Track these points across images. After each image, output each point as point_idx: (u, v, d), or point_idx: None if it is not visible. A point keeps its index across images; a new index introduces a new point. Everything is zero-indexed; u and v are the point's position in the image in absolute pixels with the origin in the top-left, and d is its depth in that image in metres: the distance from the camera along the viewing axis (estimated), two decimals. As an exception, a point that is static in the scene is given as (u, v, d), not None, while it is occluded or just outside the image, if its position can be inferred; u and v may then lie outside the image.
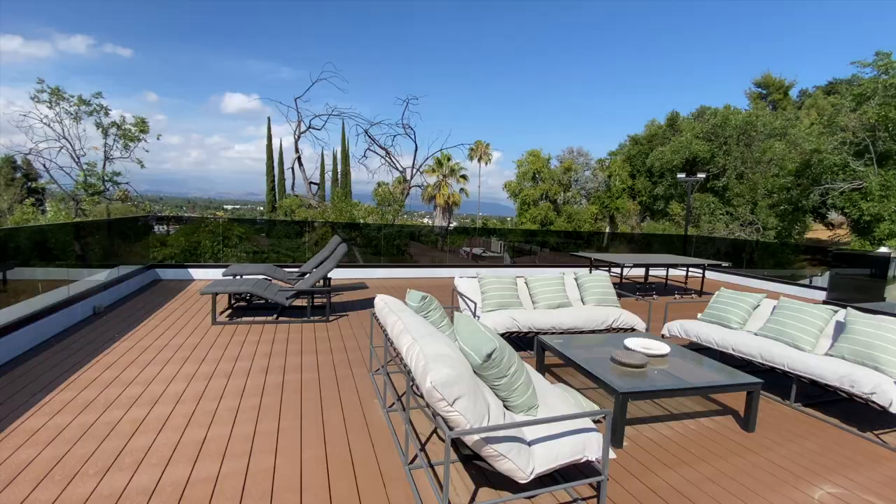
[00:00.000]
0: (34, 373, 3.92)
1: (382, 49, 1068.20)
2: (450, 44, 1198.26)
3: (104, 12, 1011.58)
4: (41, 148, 13.17)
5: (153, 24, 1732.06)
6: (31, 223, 18.74)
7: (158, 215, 23.26)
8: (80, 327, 5.27)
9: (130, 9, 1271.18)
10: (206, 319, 5.90)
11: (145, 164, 14.84)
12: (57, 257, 6.65)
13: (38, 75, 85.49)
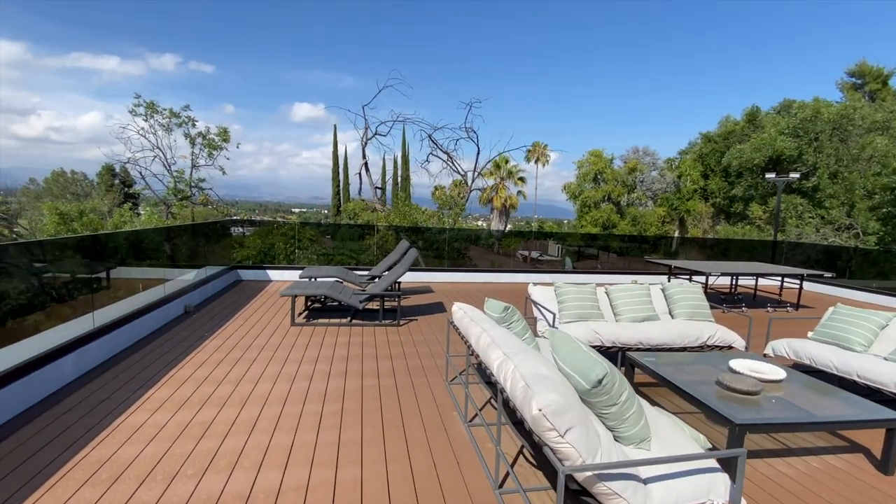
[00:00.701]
0: (135, 369, 4.17)
1: (446, 51, 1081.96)
2: (511, 42, 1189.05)
3: (190, 32, 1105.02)
4: (138, 157, 14.54)
5: (232, 42, 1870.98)
6: (127, 225, 20.63)
7: (235, 218, 24.78)
8: (173, 325, 5.60)
9: (212, 28, 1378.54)
10: (285, 320, 6.09)
11: (225, 170, 15.94)
12: (151, 258, 7.17)
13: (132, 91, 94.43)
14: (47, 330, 4.06)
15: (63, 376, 3.69)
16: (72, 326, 4.16)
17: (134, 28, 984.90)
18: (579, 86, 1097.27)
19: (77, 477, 2.52)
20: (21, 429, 3.00)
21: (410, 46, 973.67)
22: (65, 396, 3.50)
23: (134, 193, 37.48)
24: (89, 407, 3.36)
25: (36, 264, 4.87)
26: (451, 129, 16.99)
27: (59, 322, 4.32)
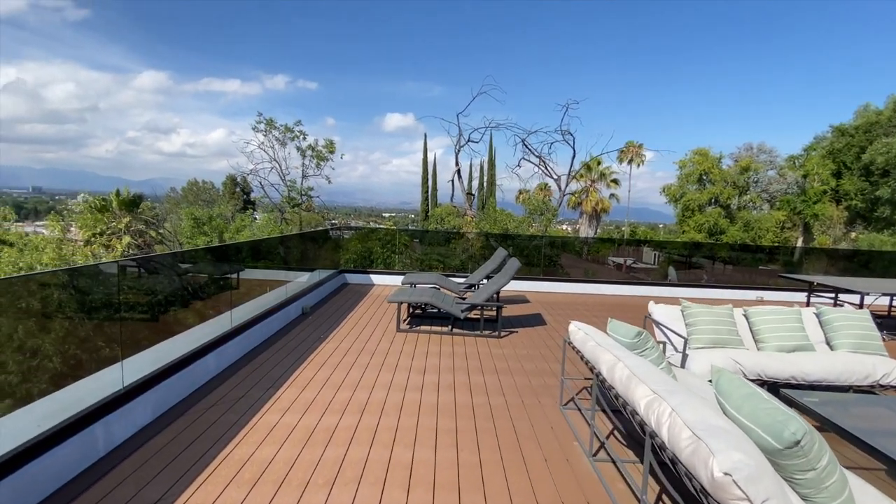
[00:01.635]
0: (264, 368, 4.45)
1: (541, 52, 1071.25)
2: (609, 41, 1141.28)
3: (298, 54, 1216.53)
4: (258, 168, 16.14)
5: (333, 60, 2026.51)
6: (246, 230, 22.91)
7: (342, 224, 26.37)
8: (292, 326, 5.97)
9: (316, 49, 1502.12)
10: (390, 325, 6.21)
11: (330, 179, 17.09)
12: (273, 261, 7.77)
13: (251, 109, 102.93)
14: (197, 326, 4.50)
15: (207, 371, 4.04)
16: (214, 324, 4.56)
17: (253, 54, 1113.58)
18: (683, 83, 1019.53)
19: (223, 475, 2.68)
20: (175, 421, 3.30)
21: (506, 51, 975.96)
22: (208, 391, 3.82)
23: (252, 200, 41.70)
24: (229, 403, 3.62)
25: (199, 267, 5.46)
26: (545, 132, 16.44)
27: (208, 318, 4.77)
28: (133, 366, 3.23)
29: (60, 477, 2.48)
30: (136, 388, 3.12)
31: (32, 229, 29.29)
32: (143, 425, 3.16)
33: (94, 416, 2.73)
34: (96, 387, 3.04)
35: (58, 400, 2.96)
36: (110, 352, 3.51)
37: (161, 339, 4.03)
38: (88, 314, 3.72)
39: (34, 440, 2.36)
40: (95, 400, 2.86)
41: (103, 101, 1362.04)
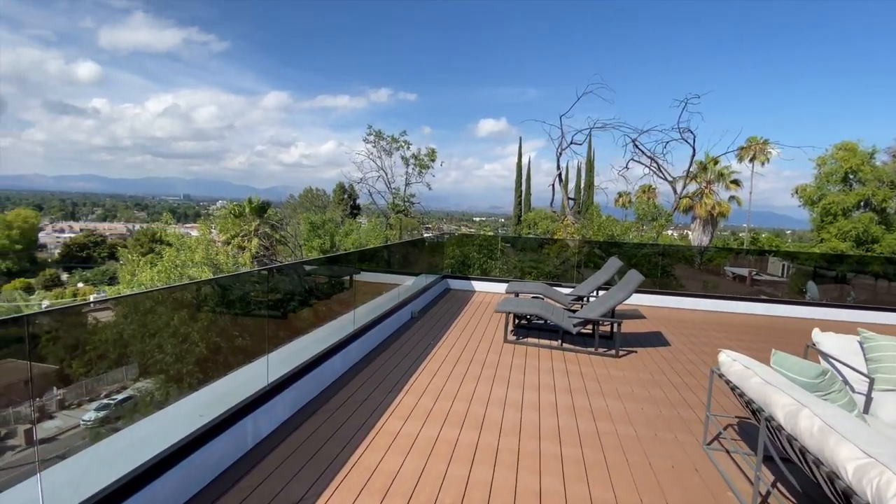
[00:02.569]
0: (382, 371, 4.55)
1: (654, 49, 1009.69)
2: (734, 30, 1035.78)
3: (400, 68, 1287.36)
4: (367, 177, 17.20)
5: (430, 71, 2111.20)
6: (353, 233, 24.43)
7: (427, 226, 26.84)
8: (404, 330, 6.09)
9: (416, 62, 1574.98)
10: (497, 335, 6.05)
11: (431, 186, 17.59)
12: (379, 265, 8.07)
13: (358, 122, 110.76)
14: (323, 325, 4.77)
15: (334, 371, 4.23)
16: (337, 325, 4.79)
17: (360, 70, 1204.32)
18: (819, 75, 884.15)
19: (356, 481, 2.72)
20: (309, 419, 3.46)
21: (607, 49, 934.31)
22: (335, 391, 3.99)
23: (357, 205, 44.61)
24: (354, 405, 3.73)
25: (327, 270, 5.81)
26: (662, 130, 15.07)
27: (331, 319, 5.03)
28: (267, 363, 3.45)
29: (218, 466, 2.70)
30: (278, 386, 3.33)
31: (185, 231, 34.61)
32: (282, 420, 3.36)
33: (245, 411, 2.95)
34: (246, 378, 3.31)
35: (213, 390, 3.26)
36: (257, 348, 3.82)
37: (292, 337, 4.31)
38: (237, 313, 4.10)
39: (199, 431, 2.59)
40: (244, 394, 3.09)
41: (238, 119, 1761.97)
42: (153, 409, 3.52)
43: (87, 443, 2.89)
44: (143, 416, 3.18)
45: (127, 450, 2.53)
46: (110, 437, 2.65)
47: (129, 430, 2.74)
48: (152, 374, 4.02)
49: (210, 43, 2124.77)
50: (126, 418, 3.53)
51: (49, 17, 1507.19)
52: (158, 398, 4.27)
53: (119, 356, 8.41)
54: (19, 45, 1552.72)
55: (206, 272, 12.86)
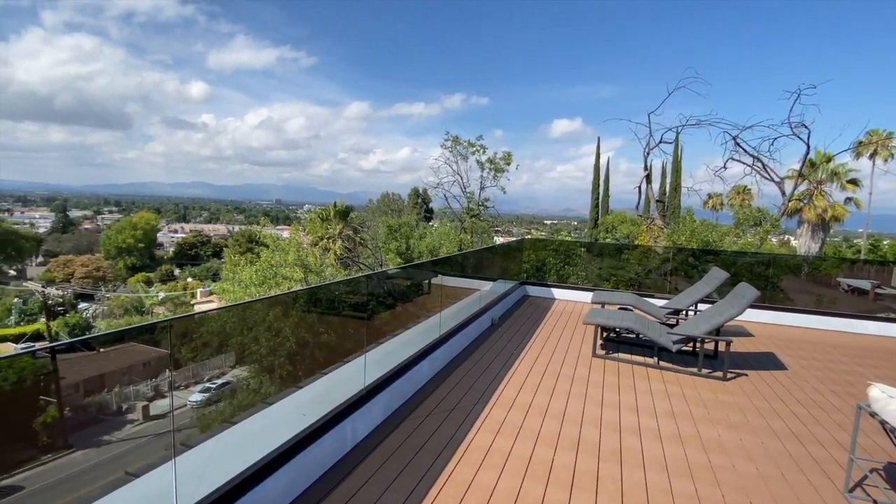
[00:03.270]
0: (467, 380, 4.48)
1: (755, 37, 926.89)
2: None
3: (472, 74, 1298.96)
4: (443, 182, 17.42)
5: (502, 73, 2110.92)
6: (428, 237, 24.81)
7: (496, 230, 26.39)
8: (485, 337, 5.99)
9: (488, 66, 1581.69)
10: (584, 348, 5.73)
11: (505, 189, 17.39)
12: (453, 268, 8.03)
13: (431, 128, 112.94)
14: (407, 330, 4.81)
15: (422, 377, 4.23)
16: (424, 329, 4.80)
17: (435, 78, 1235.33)
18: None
19: (452, 495, 2.65)
20: (401, 424, 3.48)
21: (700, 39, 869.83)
22: (424, 397, 3.98)
23: (430, 209, 45.51)
24: (443, 414, 3.69)
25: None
26: (769, 125, 13.40)
27: (416, 323, 5.07)
28: (364, 366, 3.51)
29: (321, 467, 2.78)
30: (373, 389, 3.39)
31: (276, 232, 37.58)
32: (376, 424, 3.41)
33: (345, 413, 3.02)
34: (340, 380, 3.40)
35: (310, 390, 3.38)
36: (349, 348, 3.93)
37: (380, 340, 4.38)
38: (326, 312, 4.24)
39: (306, 431, 2.68)
40: (340, 395, 3.17)
41: (323, 129, 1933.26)
42: (255, 400, 3.75)
43: (195, 427, 3.13)
44: (247, 405, 3.39)
45: (241, 443, 2.68)
46: (226, 430, 2.83)
47: (242, 425, 2.92)
48: (247, 363, 4.28)
49: (300, 59, 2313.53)
50: (225, 401, 3.78)
51: (167, 43, 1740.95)
52: (253, 386, 4.56)
53: (219, 345, 9.07)
54: (143, 70, 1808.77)
55: (298, 272, 13.80)
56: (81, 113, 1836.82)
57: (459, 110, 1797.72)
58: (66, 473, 2.38)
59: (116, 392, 7.78)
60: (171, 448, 2.10)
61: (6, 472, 2.18)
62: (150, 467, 2.32)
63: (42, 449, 2.70)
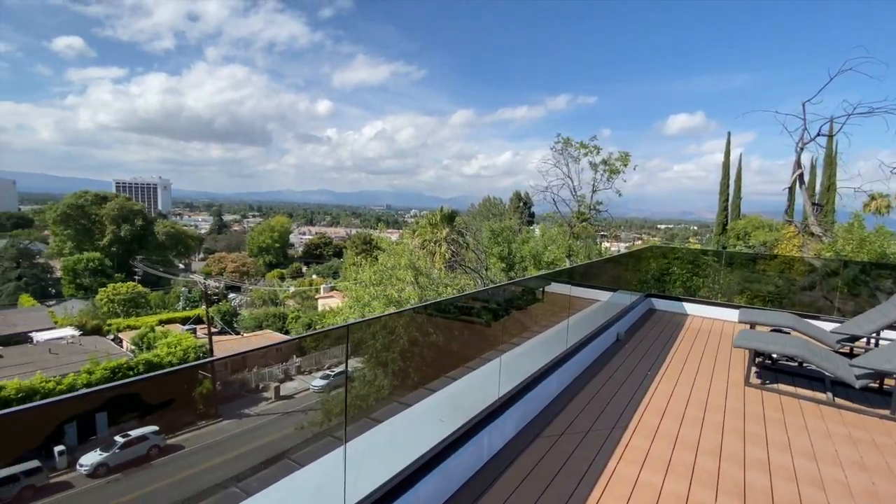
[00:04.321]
0: (600, 399, 4.17)
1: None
2: None
3: (578, 74, 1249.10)
4: (551, 185, 16.85)
5: (611, 71, 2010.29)
6: (530, 241, 24.23)
7: (603, 234, 24.72)
8: (611, 353, 5.57)
9: (595, 64, 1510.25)
10: (733, 374, 5.00)
11: (621, 192, 16.24)
12: (570, 277, 7.60)
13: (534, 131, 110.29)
14: (532, 339, 4.66)
15: (550, 392, 4.06)
16: (553, 341, 4.61)
17: (540, 81, 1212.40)
18: None
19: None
20: (534, 441, 3.34)
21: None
22: (554, 413, 3.79)
23: (532, 213, 44.70)
24: (578, 435, 3.47)
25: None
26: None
27: (530, 333, 4.90)
28: (499, 376, 3.45)
29: (462, 476, 2.77)
30: (507, 401, 3.31)
31: (386, 235, 40.10)
32: (509, 437, 3.33)
33: (482, 424, 2.99)
34: (476, 385, 3.38)
35: (444, 394, 3.41)
36: (473, 354, 3.91)
37: (504, 348, 4.29)
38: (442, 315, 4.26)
39: (450, 438, 2.70)
40: (473, 403, 3.14)
41: (429, 138, 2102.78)
42: (370, 391, 3.91)
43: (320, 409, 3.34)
44: (364, 396, 3.52)
45: (388, 441, 2.79)
46: (374, 427, 2.97)
47: (386, 424, 3.04)
48: (362, 355, 4.46)
49: (411, 73, 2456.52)
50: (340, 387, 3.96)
51: (299, 67, 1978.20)
52: (369, 377, 4.75)
53: (338, 337, 9.52)
54: (281, 92, 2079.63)
55: (409, 275, 14.49)
56: (234, 132, 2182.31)
57: (564, 111, 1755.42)
58: (214, 439, 2.67)
59: (255, 373, 8.59)
60: (343, 438, 2.22)
61: (172, 433, 2.53)
62: (286, 449, 2.51)
63: (198, 416, 3.17)
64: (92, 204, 49.46)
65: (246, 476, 2.42)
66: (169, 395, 2.18)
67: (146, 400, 1.98)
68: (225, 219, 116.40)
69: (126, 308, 35.25)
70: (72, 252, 46.00)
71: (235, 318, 36.11)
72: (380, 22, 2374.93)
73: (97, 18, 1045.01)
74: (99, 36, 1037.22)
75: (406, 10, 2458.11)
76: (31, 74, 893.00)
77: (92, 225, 48.88)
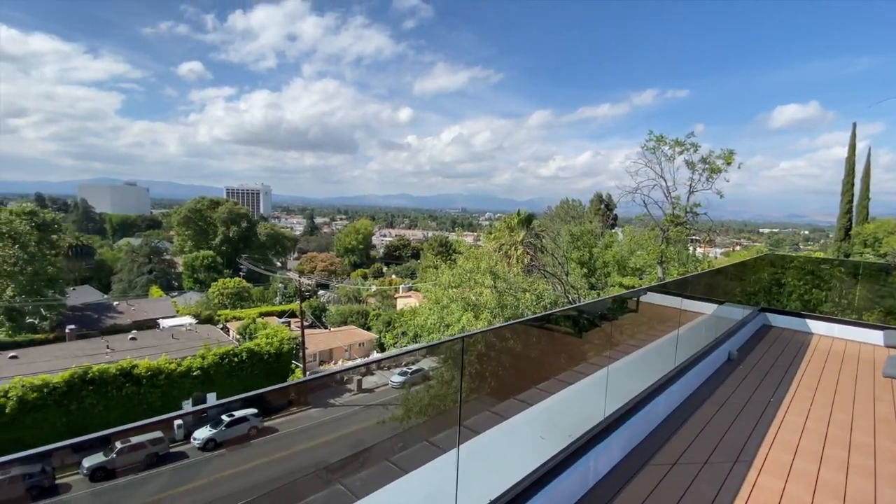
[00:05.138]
0: (714, 427, 3.72)
1: None
2: None
3: (667, 68, 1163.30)
4: (642, 186, 15.66)
5: (706, 62, 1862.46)
6: (615, 245, 22.92)
7: (694, 238, 22.46)
8: (722, 374, 4.98)
9: (688, 56, 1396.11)
10: (881, 409, 4.20)
11: (723, 193, 14.64)
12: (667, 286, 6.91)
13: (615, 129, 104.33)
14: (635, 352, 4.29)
15: (657, 414, 3.70)
16: (656, 357, 4.22)
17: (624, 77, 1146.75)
18: None
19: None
20: (643, 468, 3.04)
21: None
22: (661, 441, 3.44)
23: (615, 216, 42.29)
24: (692, 468, 3.10)
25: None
26: None
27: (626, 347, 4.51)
28: (605, 395, 3.19)
29: (569, 499, 2.60)
30: (612, 423, 3.06)
31: (461, 238, 40.32)
32: (615, 462, 3.07)
33: (587, 446, 2.78)
34: (576, 401, 3.16)
35: (540, 408, 3.23)
36: (568, 367, 3.68)
37: (593, 359, 3.98)
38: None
39: (556, 459, 2.54)
40: (578, 424, 2.93)
41: (505, 140, 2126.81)
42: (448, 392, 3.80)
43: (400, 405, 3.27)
44: (441, 396, 3.41)
45: (482, 453, 2.68)
46: (475, 437, 2.89)
47: (485, 435, 2.95)
48: (437, 355, 4.37)
49: (489, 77, 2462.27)
50: (417, 385, 3.88)
51: (383, 78, 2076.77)
52: (446, 378, 4.65)
53: (415, 335, 9.57)
54: (366, 103, 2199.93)
55: (489, 279, 14.37)
56: (325, 142, 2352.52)
57: (651, 107, 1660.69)
58: (304, 425, 2.74)
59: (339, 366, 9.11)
60: (457, 446, 2.17)
61: (268, 416, 2.63)
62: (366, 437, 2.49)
63: (291, 402, 3.36)
64: (207, 208, 56.10)
65: (350, 473, 2.47)
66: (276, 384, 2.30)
67: (268, 399, 2.09)
68: (316, 221, 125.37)
69: (233, 301, 39.35)
70: (191, 250, 52.58)
71: (324, 313, 38.67)
72: (460, 30, 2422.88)
73: (214, 44, 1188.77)
74: (215, 60, 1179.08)
75: (485, 15, 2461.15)
76: (162, 96, 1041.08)
77: (207, 226, 55.43)
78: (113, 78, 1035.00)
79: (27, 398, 16.26)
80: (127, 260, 50.09)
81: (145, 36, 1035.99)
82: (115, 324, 30.43)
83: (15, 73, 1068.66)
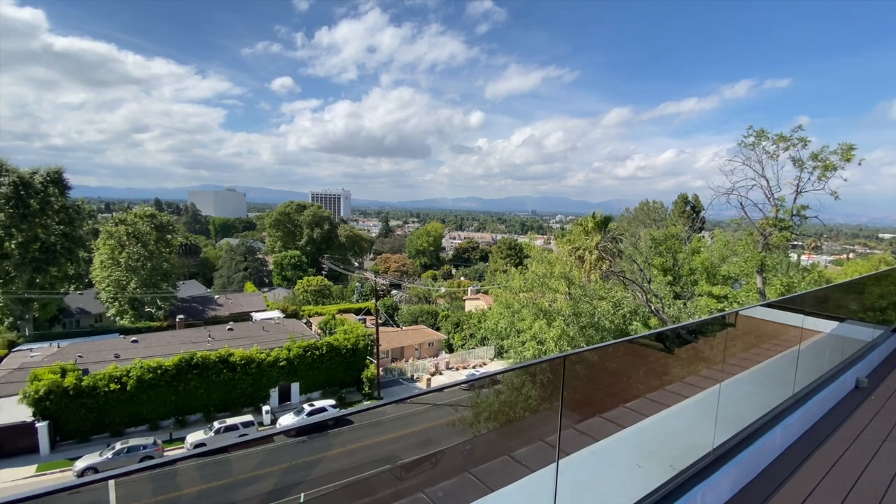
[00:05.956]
0: (844, 468, 3.15)
1: None
2: None
3: (764, 56, 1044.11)
4: (738, 186, 14.07)
5: (811, 47, 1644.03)
6: (703, 251, 20.95)
7: (796, 243, 19.60)
8: (849, 405, 4.24)
9: (792, 40, 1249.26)
10: None
11: (838, 194, 12.66)
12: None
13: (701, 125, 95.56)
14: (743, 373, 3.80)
15: (773, 448, 3.22)
16: (768, 381, 3.71)
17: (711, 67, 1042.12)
18: None
19: None
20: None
21: None
22: (777, 480, 2.98)
23: (703, 219, 38.83)
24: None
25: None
26: None
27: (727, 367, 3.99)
28: (714, 426, 2.83)
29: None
30: (721, 456, 2.70)
31: (535, 243, 39.44)
32: (724, 502, 2.70)
33: (693, 481, 2.47)
34: (675, 425, 2.84)
35: (635, 430, 2.94)
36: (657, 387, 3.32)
37: (689, 378, 3.55)
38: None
39: (660, 493, 2.27)
40: (680, 454, 2.62)
41: (579, 140, 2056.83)
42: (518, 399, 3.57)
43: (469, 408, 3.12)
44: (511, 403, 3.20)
45: (576, 475, 2.49)
46: (565, 457, 2.70)
47: (574, 457, 2.73)
48: (505, 358, 4.14)
49: (563, 76, 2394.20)
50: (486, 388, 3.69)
51: (456, 83, 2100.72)
52: (516, 384, 4.40)
53: (483, 338, 9.27)
54: (439, 108, 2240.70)
55: (563, 285, 13.82)
56: (399, 147, 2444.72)
57: (744, 99, 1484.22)
58: (377, 418, 2.70)
59: (410, 364, 9.36)
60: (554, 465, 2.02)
61: (344, 407, 2.61)
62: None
63: (363, 395, 3.39)
64: (294, 211, 60.60)
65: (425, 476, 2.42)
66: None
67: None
68: (390, 224, 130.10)
69: (315, 298, 42.01)
70: (280, 250, 57.15)
71: (396, 312, 39.89)
72: (534, 30, 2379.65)
73: (302, 60, 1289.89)
74: (303, 74, 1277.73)
75: (559, 13, 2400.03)
76: (258, 110, 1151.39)
77: (294, 228, 59.90)
78: (217, 95, 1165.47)
79: (144, 378, 18.62)
80: (227, 258, 55.76)
81: (244, 56, 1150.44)
82: (215, 315, 33.94)
83: (140, 94, 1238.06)
